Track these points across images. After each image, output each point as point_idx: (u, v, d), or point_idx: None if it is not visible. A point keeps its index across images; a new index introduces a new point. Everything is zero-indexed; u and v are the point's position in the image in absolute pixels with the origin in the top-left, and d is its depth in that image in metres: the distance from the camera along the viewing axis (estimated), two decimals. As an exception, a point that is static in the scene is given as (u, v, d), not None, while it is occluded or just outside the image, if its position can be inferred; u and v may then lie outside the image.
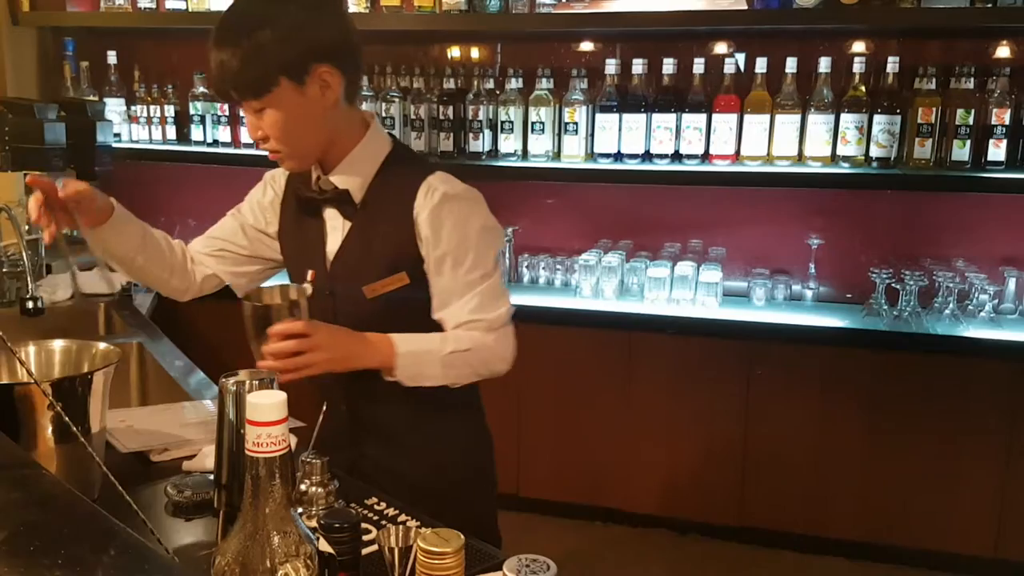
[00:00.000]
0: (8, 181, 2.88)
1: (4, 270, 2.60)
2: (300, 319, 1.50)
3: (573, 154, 3.24)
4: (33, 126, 2.94)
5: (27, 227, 2.73)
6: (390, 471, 1.63)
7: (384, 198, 1.60)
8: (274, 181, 1.76)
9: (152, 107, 3.68)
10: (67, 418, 1.19)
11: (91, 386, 1.40)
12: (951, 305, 2.97)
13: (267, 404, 0.83)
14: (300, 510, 1.30)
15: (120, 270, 1.71)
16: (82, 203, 1.55)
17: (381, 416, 1.65)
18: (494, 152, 3.33)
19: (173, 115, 3.68)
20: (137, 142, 3.70)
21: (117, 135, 3.49)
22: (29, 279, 2.39)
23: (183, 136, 3.68)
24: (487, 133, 3.31)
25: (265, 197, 1.77)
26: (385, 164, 1.62)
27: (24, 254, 2.43)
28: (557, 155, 3.29)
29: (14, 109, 3.03)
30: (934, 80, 2.96)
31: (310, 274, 1.60)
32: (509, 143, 3.29)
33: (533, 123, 3.25)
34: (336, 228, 1.64)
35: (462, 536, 0.87)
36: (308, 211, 1.67)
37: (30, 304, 2.32)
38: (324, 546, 0.89)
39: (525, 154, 3.31)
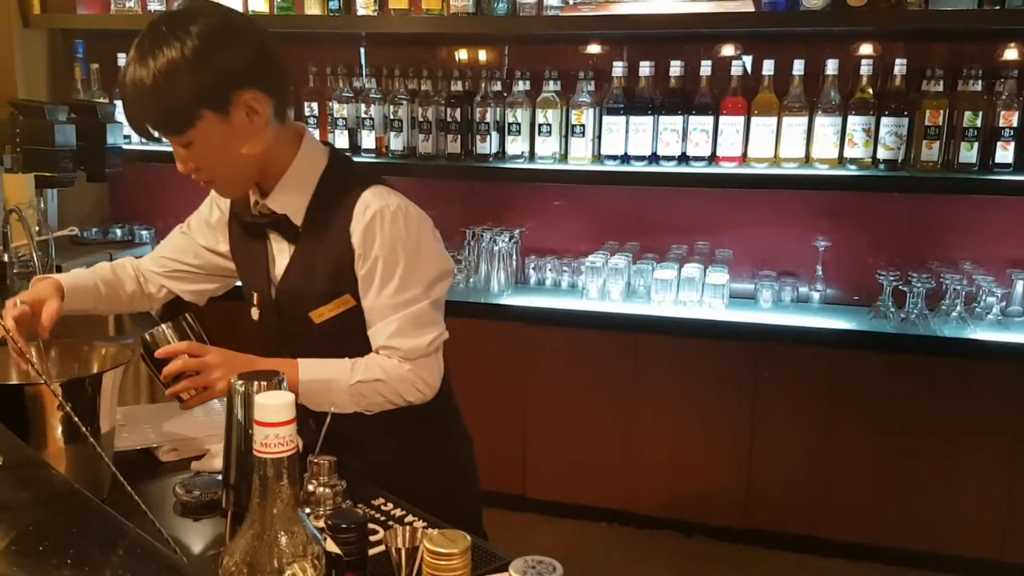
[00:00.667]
0: (19, 183, 2.90)
1: (15, 270, 2.62)
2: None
3: (580, 156, 3.24)
4: (43, 128, 2.97)
5: (37, 228, 2.75)
6: (369, 479, 1.56)
7: (323, 219, 1.55)
8: (219, 199, 1.73)
9: (161, 109, 3.69)
10: (76, 418, 1.21)
11: (100, 386, 1.42)
12: (958, 307, 2.96)
13: (275, 405, 0.84)
14: (308, 510, 1.31)
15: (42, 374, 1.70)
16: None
17: (350, 427, 1.54)
18: (501, 154, 3.34)
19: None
20: (146, 144, 3.69)
21: (127, 137, 3.50)
22: (39, 280, 2.41)
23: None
24: (494, 135, 3.32)
25: (212, 216, 1.75)
26: (323, 181, 1.56)
27: (34, 255, 2.46)
28: (564, 157, 3.30)
29: (25, 111, 3.06)
30: (942, 82, 2.95)
31: (255, 297, 1.62)
32: (516, 145, 3.29)
33: (540, 125, 3.26)
34: (282, 252, 1.61)
35: (468, 537, 0.88)
36: (252, 233, 1.64)
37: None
38: (331, 546, 0.89)
39: (532, 156, 3.31)
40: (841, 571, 3.08)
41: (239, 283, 1.77)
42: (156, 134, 1.47)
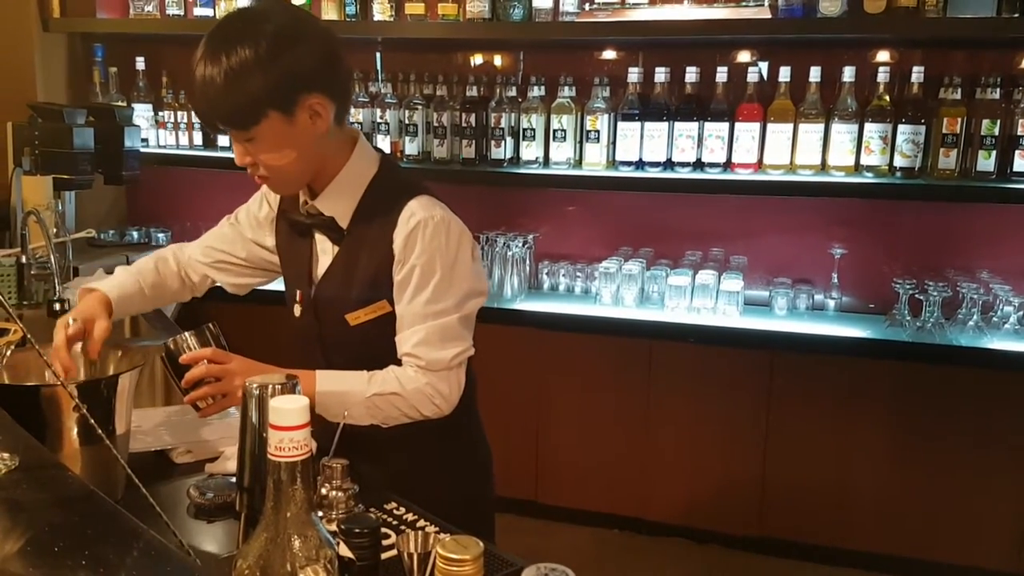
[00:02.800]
0: (37, 185, 2.92)
1: (32, 272, 2.64)
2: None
3: (594, 162, 3.24)
4: (62, 131, 2.99)
5: (54, 230, 2.77)
6: (386, 486, 1.55)
7: (368, 225, 1.57)
8: (270, 195, 1.75)
9: (179, 113, 3.73)
10: (92, 420, 1.21)
11: (116, 388, 1.42)
12: (975, 316, 2.94)
13: (290, 409, 0.84)
14: (320, 513, 1.32)
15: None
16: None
17: (371, 436, 1.56)
18: (516, 159, 3.34)
19: (199, 121, 3.72)
20: (164, 147, 3.75)
21: (144, 140, 3.53)
22: (56, 281, 2.43)
23: (209, 142, 3.72)
24: (509, 140, 3.32)
25: (261, 211, 1.77)
26: (371, 187, 1.58)
27: (52, 256, 2.47)
28: (578, 163, 3.30)
29: (44, 114, 3.09)
30: (959, 90, 2.93)
31: (298, 295, 1.64)
32: (531, 150, 3.30)
33: (555, 131, 3.26)
34: (326, 251, 1.63)
35: (481, 543, 0.88)
36: (299, 231, 1.66)
37: (57, 306, 2.36)
38: (344, 551, 0.89)
39: (547, 161, 3.31)
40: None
41: (280, 279, 1.78)
42: (221, 126, 1.49)
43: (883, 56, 3.10)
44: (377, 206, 1.57)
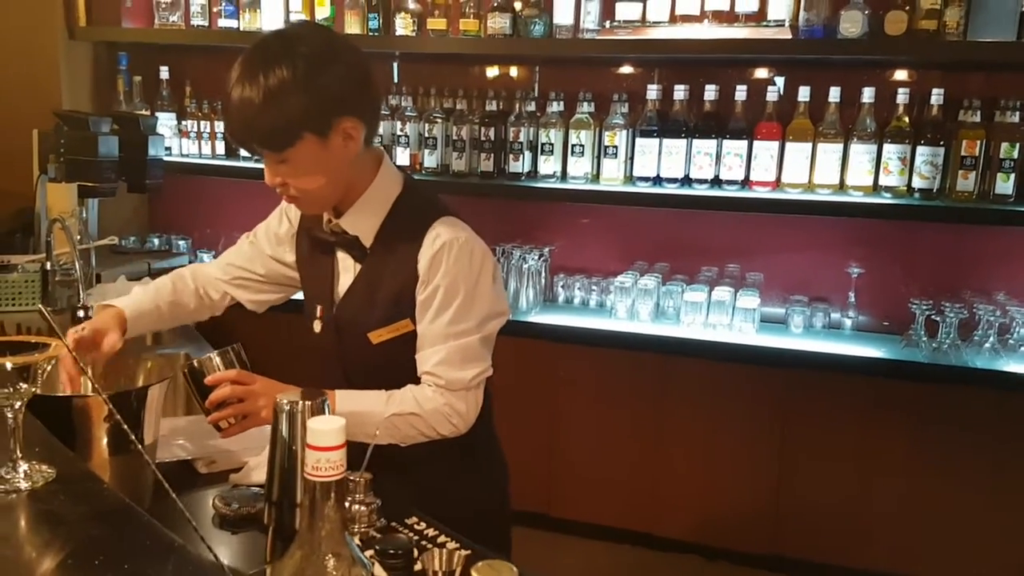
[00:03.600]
0: (63, 192, 2.96)
1: (57, 278, 2.68)
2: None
3: (612, 177, 3.26)
4: (87, 139, 3.02)
5: (78, 237, 2.81)
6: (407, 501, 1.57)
7: (392, 244, 1.59)
8: (290, 211, 1.77)
9: (202, 122, 3.76)
10: (126, 427, 1.24)
11: (146, 399, 1.45)
12: (991, 338, 2.94)
13: (328, 430, 0.86)
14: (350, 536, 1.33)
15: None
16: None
17: (397, 451, 1.58)
18: (534, 173, 3.36)
19: (222, 131, 3.76)
20: (187, 156, 3.79)
21: (168, 149, 3.56)
22: (80, 288, 2.46)
23: (232, 151, 3.76)
24: (527, 155, 3.34)
25: (281, 228, 1.79)
26: (395, 207, 1.60)
27: (76, 263, 2.51)
28: (596, 177, 3.32)
29: (69, 122, 3.12)
30: (979, 113, 2.94)
31: (319, 311, 1.65)
32: (549, 165, 3.32)
33: (573, 145, 3.28)
34: (348, 269, 1.65)
35: (515, 568, 0.89)
36: (322, 249, 1.68)
37: (80, 313, 2.39)
38: (378, 571, 0.91)
39: (564, 176, 3.33)
40: (867, 601, 3.05)
41: (299, 296, 1.80)
42: (257, 148, 1.51)
43: (903, 77, 3.11)
44: (401, 226, 1.59)
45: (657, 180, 3.20)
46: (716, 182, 3.15)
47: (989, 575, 2.95)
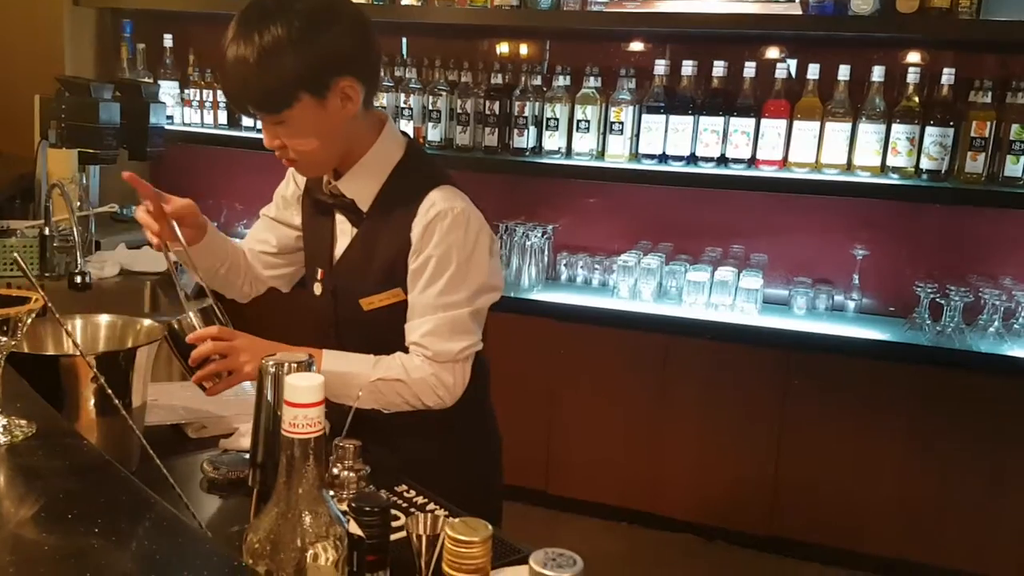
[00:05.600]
0: (62, 158, 2.94)
1: (55, 244, 2.66)
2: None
3: (617, 154, 3.23)
4: (88, 105, 3.01)
5: (78, 203, 2.79)
6: (397, 471, 1.56)
7: (388, 210, 1.57)
8: (296, 174, 1.75)
9: (205, 91, 3.74)
10: (109, 390, 1.22)
11: (134, 361, 1.44)
12: (996, 323, 2.91)
13: (305, 386, 0.85)
14: (331, 493, 1.32)
15: (200, 277, 1.64)
16: (186, 218, 1.59)
17: (385, 422, 1.58)
18: (538, 149, 3.33)
19: (224, 100, 3.74)
20: (189, 125, 3.77)
21: (170, 117, 3.54)
22: (79, 254, 2.45)
23: (234, 121, 3.74)
24: (532, 129, 3.31)
25: (288, 189, 1.77)
26: (395, 172, 1.58)
27: (75, 229, 2.49)
28: (601, 154, 3.29)
29: (71, 87, 3.11)
30: (990, 94, 2.90)
31: (319, 273, 1.63)
32: (553, 140, 3.29)
33: (579, 121, 3.25)
34: (345, 232, 1.63)
35: (490, 526, 0.88)
36: (321, 211, 1.66)
37: (78, 279, 2.38)
38: (354, 528, 0.90)
39: (569, 152, 3.30)
40: (865, 584, 3.04)
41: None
42: (253, 110, 1.49)
43: (913, 57, 3.06)
44: (399, 192, 1.57)
45: (663, 158, 3.16)
46: (722, 160, 3.12)
47: (988, 558, 2.94)
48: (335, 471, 1.35)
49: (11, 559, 0.80)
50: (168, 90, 3.71)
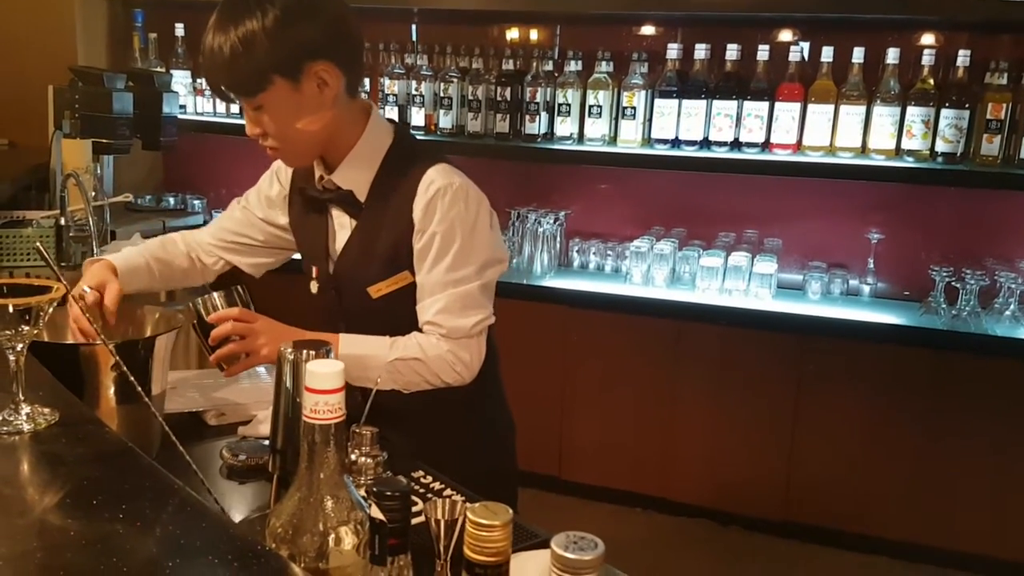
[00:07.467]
0: (76, 148, 2.95)
1: (71, 234, 2.68)
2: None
3: (630, 139, 3.22)
4: (102, 95, 3.02)
5: (93, 193, 2.81)
6: (412, 455, 1.56)
7: (387, 196, 1.56)
8: (280, 174, 1.75)
9: (216, 80, 3.74)
10: (132, 377, 1.23)
11: (153, 349, 1.45)
12: (1012, 307, 2.89)
13: (326, 373, 0.85)
14: (350, 478, 1.33)
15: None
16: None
17: (399, 405, 1.55)
18: (550, 135, 3.32)
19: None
20: (202, 114, 3.78)
21: (182, 107, 3.55)
22: (94, 244, 2.46)
23: (245, 110, 3.74)
24: (544, 115, 3.30)
25: (272, 190, 1.76)
26: (387, 158, 1.57)
27: (90, 219, 2.51)
28: (613, 139, 3.28)
29: (84, 78, 3.12)
30: (1006, 75, 2.87)
31: (315, 271, 1.63)
32: (565, 126, 3.28)
33: (591, 106, 3.24)
34: (343, 226, 1.62)
35: (511, 510, 0.88)
36: (314, 208, 1.65)
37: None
38: (375, 512, 0.91)
39: (581, 137, 3.29)
40: (882, 569, 3.04)
41: (296, 256, 1.78)
42: (228, 92, 1.49)
43: (928, 38, 3.04)
44: (395, 176, 1.57)
45: (676, 143, 3.15)
46: (736, 144, 3.10)
47: (1003, 543, 2.93)
48: (352, 457, 1.36)
49: (38, 544, 0.81)
50: (180, 79, 3.72)
